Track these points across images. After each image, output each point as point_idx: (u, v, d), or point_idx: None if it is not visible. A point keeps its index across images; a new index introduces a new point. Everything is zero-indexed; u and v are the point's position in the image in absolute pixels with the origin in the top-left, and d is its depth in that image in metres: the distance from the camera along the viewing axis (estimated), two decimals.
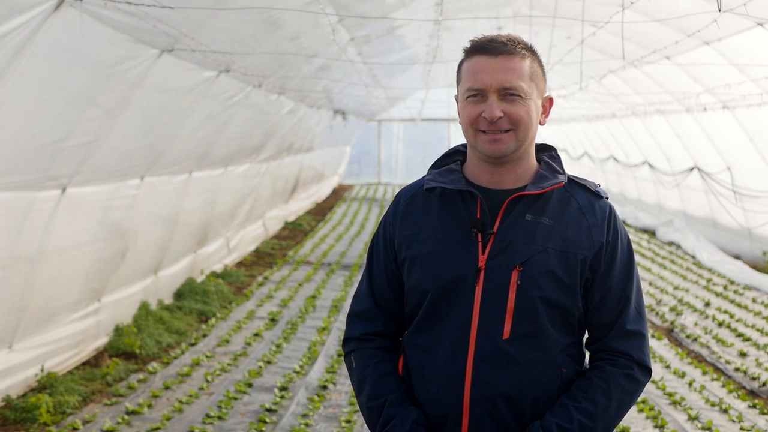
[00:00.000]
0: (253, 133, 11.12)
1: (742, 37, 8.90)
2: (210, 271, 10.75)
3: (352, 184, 29.02)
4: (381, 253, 2.35)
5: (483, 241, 2.21)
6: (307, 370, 7.12)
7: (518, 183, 2.26)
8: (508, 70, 2.16)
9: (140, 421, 5.78)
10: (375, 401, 2.27)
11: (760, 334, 8.52)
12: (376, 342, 2.34)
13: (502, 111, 2.16)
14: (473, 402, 2.18)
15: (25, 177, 5.33)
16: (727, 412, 6.17)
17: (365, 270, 2.40)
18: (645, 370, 2.26)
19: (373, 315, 2.35)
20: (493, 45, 2.18)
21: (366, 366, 2.32)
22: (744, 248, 12.78)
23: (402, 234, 2.30)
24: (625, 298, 2.26)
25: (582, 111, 19.32)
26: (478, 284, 2.19)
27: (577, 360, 2.28)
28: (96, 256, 6.75)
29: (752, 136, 11.26)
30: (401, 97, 23.97)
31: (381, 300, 2.35)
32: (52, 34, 4.50)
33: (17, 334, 5.87)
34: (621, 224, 2.30)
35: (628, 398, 2.24)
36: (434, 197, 2.29)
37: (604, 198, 2.30)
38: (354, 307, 2.40)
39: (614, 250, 2.25)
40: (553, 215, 2.23)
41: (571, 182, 2.30)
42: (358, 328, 2.36)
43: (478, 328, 2.18)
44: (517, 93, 2.16)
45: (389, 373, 2.30)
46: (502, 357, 2.17)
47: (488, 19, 12.25)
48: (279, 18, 7.15)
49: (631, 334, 2.25)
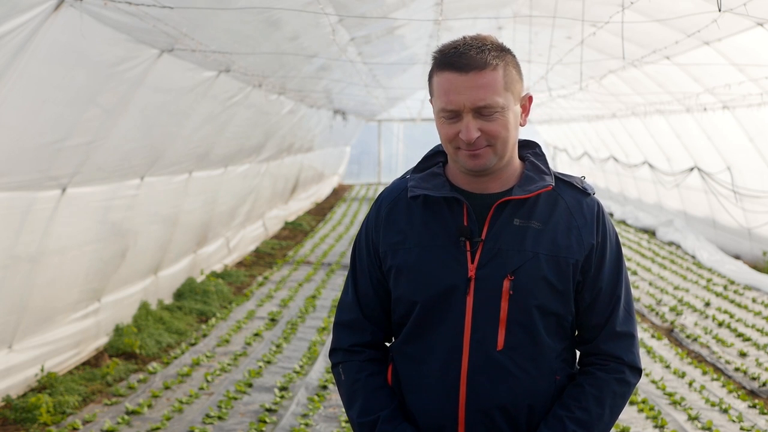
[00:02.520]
0: (253, 133, 11.12)
1: (742, 37, 8.90)
2: (210, 271, 10.75)
3: (352, 184, 29.02)
4: (365, 259, 2.28)
5: (471, 249, 2.14)
6: (307, 370, 7.12)
7: (503, 186, 2.19)
8: (481, 88, 2.05)
9: (140, 421, 5.78)
10: (367, 417, 2.21)
11: (760, 334, 8.51)
12: (366, 354, 2.28)
13: (479, 129, 2.07)
14: (468, 414, 2.14)
15: (26, 177, 5.33)
16: (727, 412, 6.17)
17: (349, 276, 2.32)
18: (635, 371, 2.23)
19: (360, 325, 2.28)
20: (463, 61, 2.05)
21: (356, 380, 2.25)
22: (744, 248, 12.78)
23: (386, 242, 2.22)
24: (615, 298, 2.22)
25: (582, 111, 19.32)
26: (468, 294, 2.13)
27: (570, 363, 2.25)
28: (96, 256, 6.75)
29: (752, 136, 11.26)
30: (401, 97, 23.96)
31: (368, 309, 2.28)
32: (52, 34, 4.50)
33: (17, 334, 5.87)
34: (609, 221, 2.25)
35: (621, 402, 2.21)
36: (418, 203, 2.21)
37: (591, 195, 2.24)
38: (340, 316, 2.32)
39: (603, 249, 2.20)
40: (541, 218, 2.17)
41: (558, 181, 2.23)
42: (346, 339, 2.29)
43: (470, 339, 2.13)
44: (493, 109, 2.06)
45: (380, 387, 2.24)
46: (497, 369, 2.13)
47: (488, 19, 12.25)
48: (279, 18, 7.15)
49: (621, 336, 2.21)
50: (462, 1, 10.22)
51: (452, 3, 9.62)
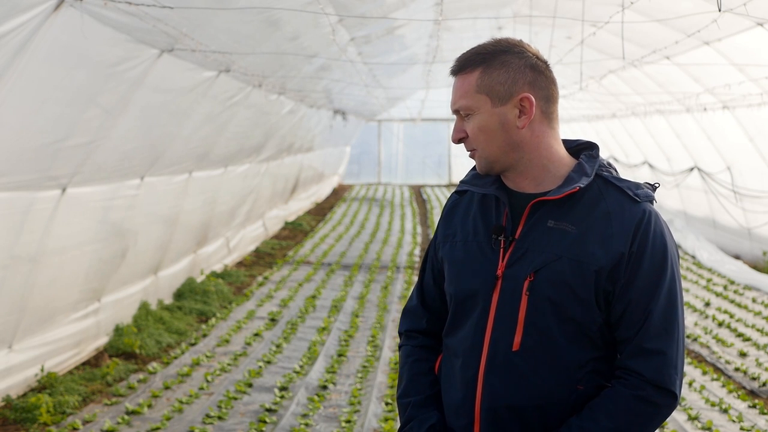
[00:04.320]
0: (253, 133, 11.12)
1: (742, 37, 8.90)
2: (210, 271, 10.75)
3: (352, 184, 29.02)
4: (431, 250, 2.37)
5: (504, 248, 2.16)
6: (307, 370, 7.12)
7: (541, 186, 2.16)
8: (457, 90, 2.15)
9: (140, 421, 5.78)
10: (405, 399, 2.30)
11: (760, 334, 8.52)
12: (419, 340, 2.36)
13: (463, 131, 2.16)
14: (482, 412, 2.14)
15: (26, 177, 5.33)
16: (727, 412, 6.17)
17: (421, 266, 2.44)
18: (663, 391, 2.06)
19: (418, 312, 2.38)
20: (455, 65, 2.17)
21: (405, 363, 2.35)
22: (744, 248, 12.78)
23: (442, 233, 2.31)
24: (648, 312, 2.07)
25: (582, 111, 19.33)
26: (495, 292, 2.14)
27: (603, 376, 2.13)
28: (96, 256, 6.75)
29: (752, 136, 11.26)
30: (401, 97, 23.96)
31: (428, 297, 2.37)
32: (52, 34, 4.50)
33: (17, 334, 5.87)
34: (656, 232, 2.10)
35: (641, 421, 2.07)
36: (476, 198, 2.26)
37: (641, 202, 2.12)
38: (407, 303, 2.44)
39: (639, 260, 2.07)
40: (576, 221, 2.11)
41: (607, 183, 2.15)
42: (405, 323, 2.41)
43: (490, 338, 2.14)
44: (465, 112, 2.14)
45: (422, 373, 2.30)
46: (510, 369, 2.11)
47: (488, 19, 12.24)
48: (279, 18, 7.15)
49: (649, 353, 2.06)
50: (462, 1, 10.22)
51: (452, 3, 9.62)
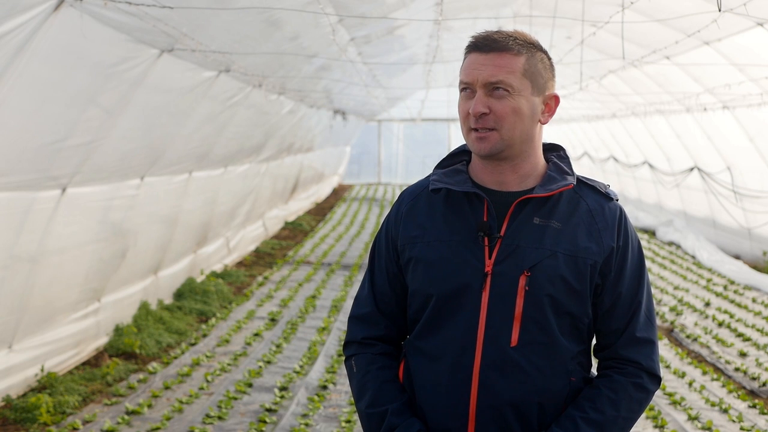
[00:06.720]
0: (253, 133, 11.12)
1: (742, 37, 8.91)
2: (210, 271, 10.75)
3: (352, 184, 29.02)
4: (383, 254, 2.30)
5: (489, 245, 2.15)
6: (307, 370, 7.12)
7: (524, 185, 2.20)
8: (496, 66, 2.11)
9: (140, 421, 5.78)
10: (376, 408, 2.21)
11: (760, 334, 8.52)
12: (378, 347, 2.29)
13: (488, 107, 2.11)
14: (479, 410, 2.13)
15: (25, 177, 5.33)
16: (727, 412, 6.17)
17: (367, 272, 2.35)
18: (654, 378, 2.21)
19: (374, 318, 2.30)
20: (486, 42, 2.13)
21: (367, 372, 2.26)
22: (744, 248, 12.78)
23: (405, 235, 2.23)
24: (636, 303, 2.20)
25: (582, 111, 19.32)
26: (484, 290, 2.13)
27: (586, 368, 2.23)
28: (96, 256, 6.75)
29: (752, 136, 11.26)
30: (401, 97, 23.96)
31: (383, 303, 2.30)
32: (52, 34, 4.50)
33: (17, 334, 5.87)
34: (632, 227, 2.24)
35: (637, 408, 2.18)
36: (439, 198, 2.23)
37: (614, 200, 2.24)
38: (355, 310, 2.34)
39: (625, 254, 2.20)
40: (562, 218, 2.17)
41: (581, 183, 2.25)
42: (359, 331, 2.31)
43: (485, 335, 2.13)
44: (503, 87, 2.10)
45: (391, 380, 2.25)
46: (511, 365, 2.12)
47: (488, 19, 12.23)
48: (279, 18, 7.15)
49: (641, 342, 2.19)
50: (462, 1, 10.22)
51: (452, 3, 9.62)
